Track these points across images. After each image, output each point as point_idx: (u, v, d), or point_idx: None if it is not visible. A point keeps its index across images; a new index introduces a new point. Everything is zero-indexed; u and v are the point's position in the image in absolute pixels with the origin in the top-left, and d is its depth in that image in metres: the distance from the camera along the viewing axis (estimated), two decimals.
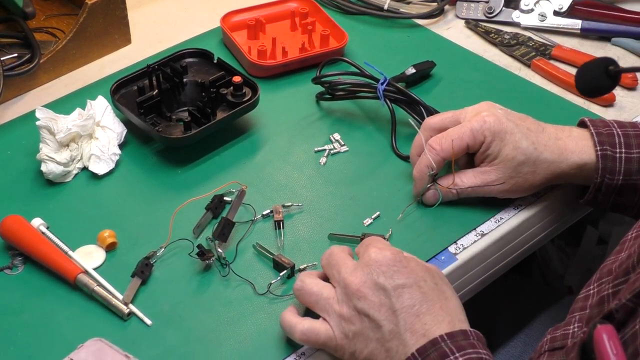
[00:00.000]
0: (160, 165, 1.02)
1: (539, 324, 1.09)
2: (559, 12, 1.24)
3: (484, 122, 0.91)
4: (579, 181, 0.95)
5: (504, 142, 0.91)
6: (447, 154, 0.92)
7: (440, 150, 0.92)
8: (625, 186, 0.91)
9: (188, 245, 0.90)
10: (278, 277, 0.87)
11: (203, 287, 0.88)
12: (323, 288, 0.80)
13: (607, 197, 0.93)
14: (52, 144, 0.97)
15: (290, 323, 0.80)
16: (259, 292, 0.86)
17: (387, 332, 0.75)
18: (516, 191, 0.94)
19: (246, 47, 1.17)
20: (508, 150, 0.91)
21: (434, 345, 0.73)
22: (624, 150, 0.91)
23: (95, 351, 0.78)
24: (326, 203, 0.97)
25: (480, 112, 0.93)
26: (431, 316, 0.75)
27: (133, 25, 1.21)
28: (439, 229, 0.93)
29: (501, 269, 0.98)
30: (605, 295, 0.77)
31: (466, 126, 0.92)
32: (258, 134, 1.07)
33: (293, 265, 0.88)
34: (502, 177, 0.92)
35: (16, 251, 0.91)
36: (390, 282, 0.76)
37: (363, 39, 1.23)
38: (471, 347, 0.73)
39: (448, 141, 0.92)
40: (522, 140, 0.91)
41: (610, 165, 0.90)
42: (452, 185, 0.93)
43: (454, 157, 0.92)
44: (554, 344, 0.82)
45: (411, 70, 1.12)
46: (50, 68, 1.13)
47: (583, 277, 1.47)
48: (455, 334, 0.73)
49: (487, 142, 0.91)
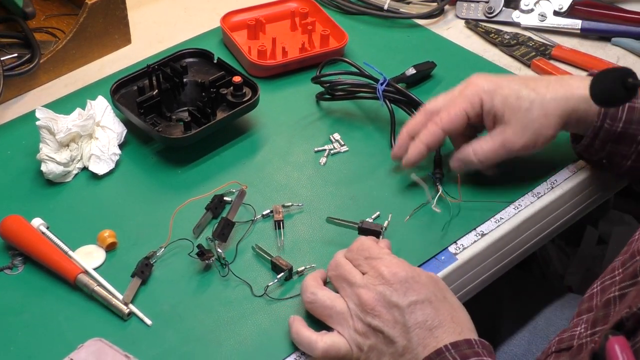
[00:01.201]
0: (160, 165, 1.02)
1: (543, 321, 1.08)
2: (559, 12, 1.24)
3: (475, 85, 0.92)
4: (586, 125, 0.93)
5: (504, 96, 0.91)
6: (446, 124, 0.91)
7: (440, 121, 0.92)
8: (624, 134, 0.91)
9: (188, 245, 0.90)
10: (275, 279, 0.87)
11: (203, 287, 0.88)
12: (335, 301, 0.80)
13: (604, 145, 0.93)
14: (52, 144, 0.97)
15: (310, 340, 0.79)
16: (256, 293, 0.86)
17: (401, 348, 0.76)
18: (536, 141, 0.92)
19: (246, 47, 1.17)
20: (511, 102, 0.90)
21: (439, 355, 0.74)
22: None
23: (95, 351, 0.78)
24: (326, 203, 0.97)
25: (469, 80, 0.93)
26: (442, 329, 0.76)
27: (133, 25, 1.21)
28: (439, 228, 0.93)
29: (501, 269, 0.98)
30: (611, 298, 0.77)
31: (459, 94, 0.92)
32: (258, 134, 1.07)
33: (291, 267, 0.88)
34: (518, 130, 0.91)
35: (16, 251, 0.91)
36: (404, 300, 0.77)
37: (363, 39, 1.23)
38: (475, 355, 0.74)
39: (445, 113, 0.92)
40: (521, 89, 0.91)
41: (612, 110, 0.90)
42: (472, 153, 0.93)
43: (454, 129, 0.92)
44: (560, 346, 0.82)
45: (411, 71, 1.12)
46: (50, 68, 1.13)
47: (583, 277, 1.47)
48: (459, 344, 0.74)
49: (486, 102, 0.91)
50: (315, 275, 0.84)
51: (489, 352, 0.76)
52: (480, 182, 0.98)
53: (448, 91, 0.96)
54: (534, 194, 0.98)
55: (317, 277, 0.84)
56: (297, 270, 0.88)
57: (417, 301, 0.77)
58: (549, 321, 1.08)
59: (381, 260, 0.80)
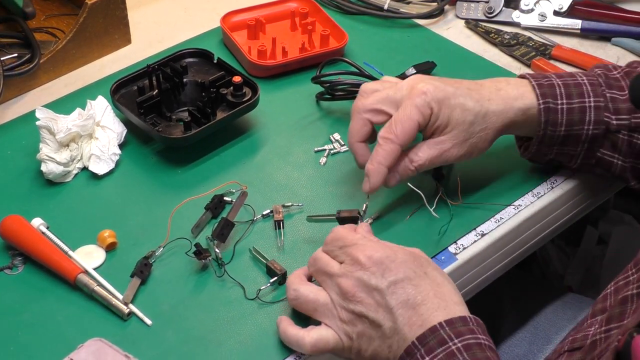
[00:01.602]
0: (160, 165, 1.02)
1: (544, 321, 1.08)
2: (559, 12, 1.24)
3: (424, 94, 0.88)
4: (526, 130, 0.93)
5: (451, 107, 0.89)
6: (403, 139, 0.88)
7: (395, 137, 0.88)
8: (568, 136, 0.92)
9: (187, 245, 0.90)
10: (268, 283, 0.87)
11: (203, 287, 0.88)
12: (318, 294, 0.80)
13: (551, 148, 0.94)
14: (52, 144, 0.97)
15: (297, 337, 0.79)
16: (249, 296, 0.86)
17: (387, 330, 0.76)
18: (472, 152, 0.91)
19: (246, 47, 1.17)
20: (457, 115, 0.89)
21: (433, 332, 0.73)
22: (565, 101, 0.90)
23: (95, 351, 0.78)
24: (326, 203, 0.97)
25: (415, 86, 0.89)
26: (426, 306, 0.75)
27: (133, 25, 1.21)
28: (439, 228, 0.93)
29: (501, 269, 0.98)
30: (628, 296, 0.77)
31: (410, 105, 0.88)
32: (258, 134, 1.07)
33: (285, 272, 0.87)
34: (457, 143, 0.90)
35: (16, 251, 0.91)
36: (382, 282, 0.77)
37: (363, 39, 1.23)
38: (470, 332, 0.73)
39: (399, 127, 0.88)
40: (467, 101, 0.89)
41: (552, 117, 0.90)
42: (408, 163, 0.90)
43: (409, 140, 0.89)
44: (574, 345, 0.82)
45: (411, 71, 1.12)
46: (50, 68, 1.13)
47: (583, 277, 1.47)
48: (454, 321, 0.74)
49: (435, 112, 0.88)
50: (297, 273, 0.84)
51: (483, 330, 0.75)
52: (480, 183, 0.98)
53: (388, 90, 0.91)
54: (534, 194, 0.98)
55: (300, 274, 0.84)
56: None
57: (396, 281, 0.76)
58: (549, 321, 1.08)
59: (355, 246, 0.80)
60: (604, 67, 0.96)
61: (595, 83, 0.92)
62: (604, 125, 0.91)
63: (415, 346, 0.74)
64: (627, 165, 0.93)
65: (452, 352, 0.72)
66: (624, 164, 0.93)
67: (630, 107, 0.90)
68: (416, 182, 0.92)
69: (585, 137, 0.92)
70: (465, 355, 0.72)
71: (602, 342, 0.76)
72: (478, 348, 0.73)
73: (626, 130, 0.91)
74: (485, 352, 0.73)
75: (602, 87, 0.91)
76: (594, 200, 1.06)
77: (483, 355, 0.72)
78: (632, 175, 0.94)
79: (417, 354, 0.73)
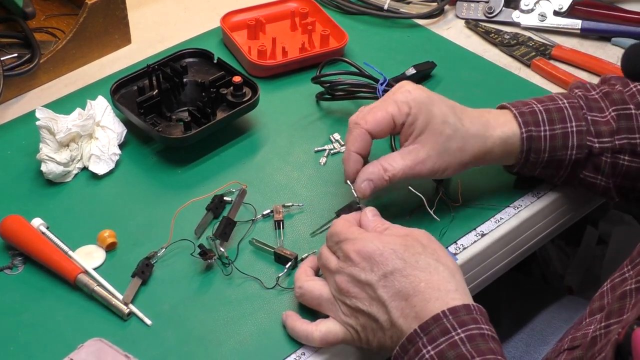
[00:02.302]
0: (160, 165, 1.02)
1: (541, 323, 1.09)
2: (559, 12, 1.24)
3: (408, 92, 0.87)
4: (505, 161, 0.92)
5: (431, 113, 0.87)
6: (372, 125, 0.86)
7: (364, 123, 0.86)
8: (551, 161, 0.91)
9: (189, 246, 0.90)
10: (284, 270, 0.88)
11: (203, 287, 0.88)
12: (322, 290, 0.81)
13: (533, 171, 0.93)
14: (52, 144, 0.97)
15: (306, 331, 0.80)
16: (267, 286, 0.87)
17: (384, 322, 0.77)
18: (446, 169, 0.89)
19: (246, 47, 1.17)
20: (436, 123, 0.87)
21: (436, 321, 0.73)
22: (547, 127, 0.90)
23: (95, 351, 0.78)
24: (326, 203, 0.97)
25: (402, 86, 0.89)
26: (418, 297, 0.75)
27: (133, 25, 1.21)
28: (440, 229, 0.93)
29: (501, 269, 0.98)
30: (627, 290, 0.77)
31: (389, 98, 0.88)
32: (258, 134, 1.07)
33: (296, 256, 0.88)
34: (432, 155, 0.87)
35: (16, 251, 0.91)
36: (372, 276, 0.77)
37: (363, 39, 1.23)
38: (474, 322, 0.74)
39: (371, 114, 0.87)
40: (449, 114, 0.88)
41: (535, 145, 0.90)
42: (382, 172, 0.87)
43: (380, 133, 0.87)
44: (573, 343, 0.82)
45: (412, 71, 1.12)
46: (50, 68, 1.13)
47: (583, 277, 1.47)
48: (457, 309, 0.74)
49: (413, 113, 0.86)
50: (304, 267, 0.85)
51: (486, 319, 0.75)
52: (480, 184, 0.98)
53: None
54: (534, 194, 0.98)
55: (307, 268, 0.85)
56: (302, 258, 0.89)
57: (385, 274, 0.77)
58: (546, 323, 1.08)
59: (347, 241, 0.80)
60: (582, 86, 0.95)
61: (576, 106, 0.91)
62: (587, 150, 0.91)
63: (417, 334, 0.74)
64: (611, 186, 0.93)
65: (455, 342, 0.72)
66: (606, 184, 0.93)
67: (612, 129, 0.90)
68: (417, 184, 0.92)
69: (569, 162, 0.92)
70: (468, 346, 0.72)
71: (602, 338, 0.76)
72: (481, 339, 0.73)
73: (609, 153, 0.91)
74: (488, 344, 0.73)
75: (583, 110, 0.91)
76: (594, 201, 1.06)
77: (486, 347, 0.72)
78: (617, 194, 0.95)
79: (418, 342, 0.73)
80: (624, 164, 0.91)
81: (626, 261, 0.82)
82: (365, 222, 0.84)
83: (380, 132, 0.88)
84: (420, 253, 0.78)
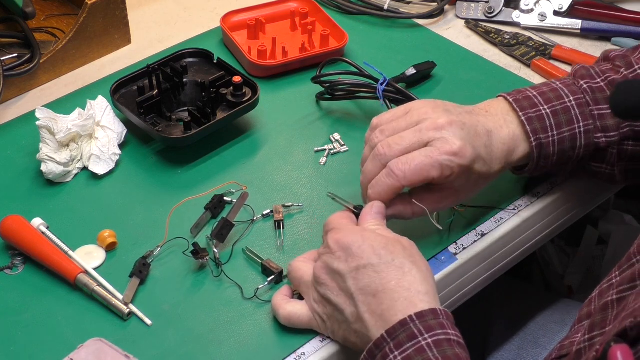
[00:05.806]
0: (160, 165, 1.02)
1: (534, 327, 1.09)
2: (559, 12, 1.24)
3: (455, 155, 0.83)
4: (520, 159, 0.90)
5: (470, 173, 0.86)
6: (410, 182, 0.83)
7: (403, 178, 0.83)
8: (559, 161, 0.92)
9: (185, 245, 0.90)
10: (266, 282, 0.87)
11: (203, 287, 0.88)
12: (305, 272, 0.83)
13: (541, 172, 0.93)
14: (52, 144, 0.97)
15: (278, 305, 0.83)
16: (247, 296, 0.87)
17: (350, 315, 0.77)
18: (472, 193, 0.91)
19: (246, 47, 1.17)
20: (472, 181, 0.87)
21: (403, 326, 0.73)
22: (555, 132, 0.89)
23: (95, 351, 0.78)
24: (326, 203, 0.97)
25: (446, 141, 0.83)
26: (387, 295, 0.75)
27: (133, 25, 1.21)
28: (441, 232, 0.93)
29: (501, 269, 0.98)
30: (609, 301, 0.77)
31: (435, 157, 0.83)
32: (258, 134, 1.07)
33: (281, 270, 0.88)
34: (465, 196, 0.89)
35: (16, 251, 0.91)
36: (345, 267, 0.78)
37: (363, 39, 1.23)
38: (440, 327, 0.73)
39: (413, 173, 0.83)
40: (483, 167, 0.86)
41: (544, 152, 0.90)
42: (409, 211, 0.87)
43: (413, 186, 0.85)
44: (561, 352, 0.82)
45: (412, 71, 1.12)
46: (50, 68, 1.13)
47: (583, 277, 1.47)
48: (424, 314, 0.73)
49: (454, 175, 0.84)
50: (309, 253, 0.86)
51: (452, 324, 0.75)
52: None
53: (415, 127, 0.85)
54: (534, 193, 0.98)
55: (311, 253, 0.86)
56: (286, 274, 0.88)
57: (358, 267, 0.77)
58: (539, 326, 1.08)
59: (332, 231, 0.81)
60: (587, 75, 0.92)
61: (583, 103, 0.90)
62: (594, 146, 0.91)
63: (384, 339, 0.73)
64: (615, 172, 0.93)
65: (421, 347, 0.72)
66: (611, 171, 0.93)
67: (618, 120, 0.90)
68: None
69: (576, 159, 0.92)
70: (435, 352, 0.72)
71: (587, 351, 0.76)
72: (448, 345, 0.73)
73: (616, 145, 0.91)
74: (454, 349, 0.73)
75: (590, 106, 0.90)
76: (594, 201, 1.06)
77: (452, 353, 0.72)
78: (621, 178, 0.94)
79: (386, 348, 0.73)
80: (629, 149, 0.91)
81: (616, 267, 0.82)
82: (364, 215, 0.84)
83: (413, 186, 0.86)
84: (398, 253, 0.78)
